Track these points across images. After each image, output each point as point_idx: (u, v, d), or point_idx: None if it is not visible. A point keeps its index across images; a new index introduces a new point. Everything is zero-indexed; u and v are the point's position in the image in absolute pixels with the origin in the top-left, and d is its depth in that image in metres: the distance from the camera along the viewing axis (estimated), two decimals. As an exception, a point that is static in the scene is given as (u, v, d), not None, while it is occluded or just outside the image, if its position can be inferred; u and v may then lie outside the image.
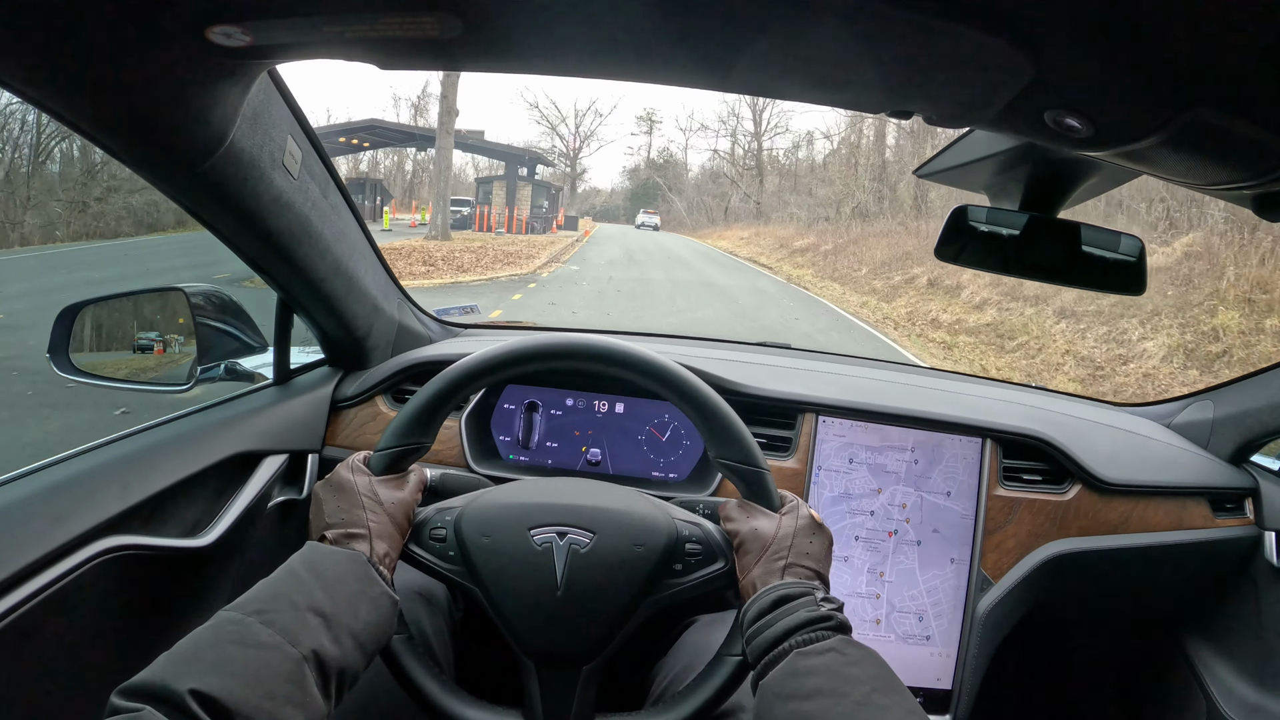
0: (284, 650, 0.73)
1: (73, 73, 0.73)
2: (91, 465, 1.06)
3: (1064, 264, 1.05)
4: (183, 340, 1.49)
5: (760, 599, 0.88)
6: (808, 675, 0.78)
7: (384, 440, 0.99)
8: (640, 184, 69.92)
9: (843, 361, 1.98)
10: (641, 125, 72.68)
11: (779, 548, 0.92)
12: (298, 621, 0.76)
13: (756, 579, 0.91)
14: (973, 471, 1.57)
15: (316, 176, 1.17)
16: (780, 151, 55.29)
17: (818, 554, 0.93)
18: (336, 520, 0.91)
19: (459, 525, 0.96)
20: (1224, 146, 0.66)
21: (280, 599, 0.78)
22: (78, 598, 0.96)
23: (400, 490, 0.97)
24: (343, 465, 0.97)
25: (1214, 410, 1.78)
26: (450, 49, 0.70)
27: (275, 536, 1.37)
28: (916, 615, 1.55)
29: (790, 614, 0.84)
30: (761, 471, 0.99)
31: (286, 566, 0.83)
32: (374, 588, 0.85)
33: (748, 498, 0.99)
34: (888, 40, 0.62)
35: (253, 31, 0.68)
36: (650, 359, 1.01)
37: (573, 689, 0.94)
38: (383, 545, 0.90)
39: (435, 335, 1.80)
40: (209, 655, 0.71)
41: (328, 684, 0.75)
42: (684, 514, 1.01)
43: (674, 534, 0.96)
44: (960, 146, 1.09)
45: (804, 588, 0.88)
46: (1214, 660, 1.76)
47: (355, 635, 0.80)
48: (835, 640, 0.81)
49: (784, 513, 0.97)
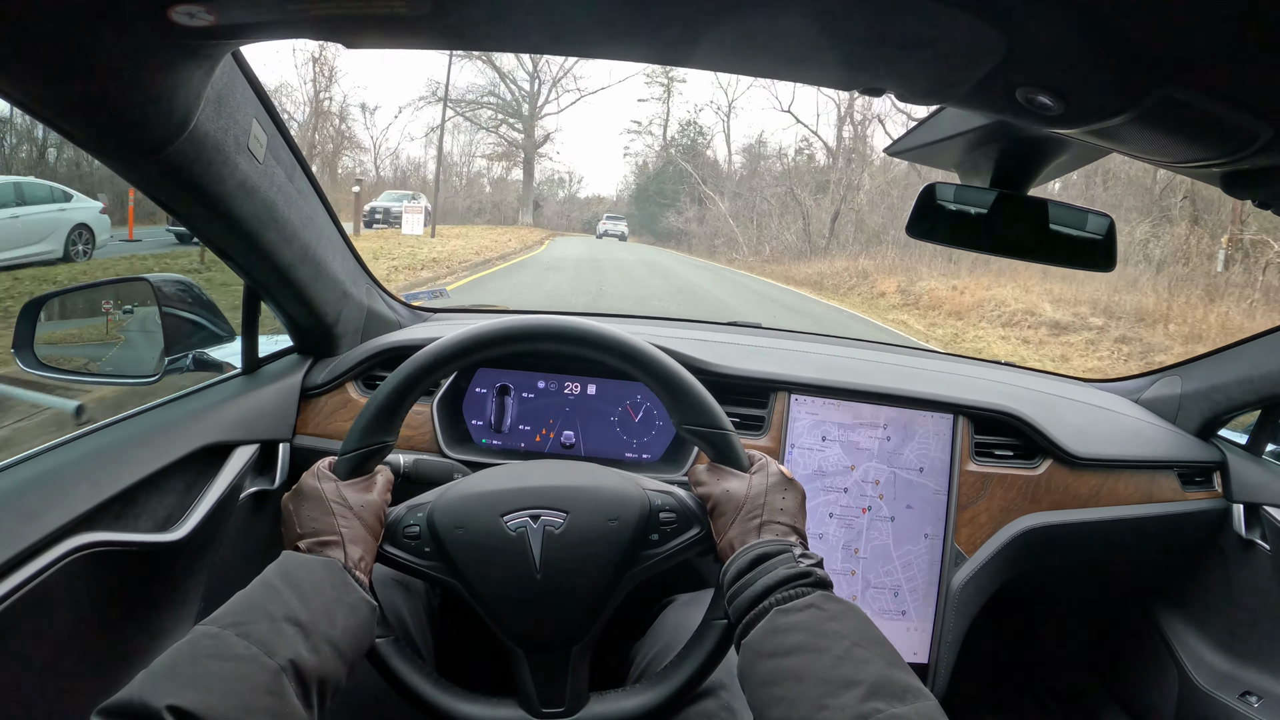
0: (261, 661, 0.72)
1: (29, 54, 0.70)
2: (60, 462, 1.04)
3: (1033, 241, 1.05)
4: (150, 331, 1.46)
5: (739, 558, 0.88)
6: (788, 632, 0.79)
7: (347, 443, 0.97)
8: (651, 178, 47.59)
9: (814, 340, 1.98)
10: (652, 88, 48.46)
11: (753, 506, 0.92)
12: (274, 632, 0.75)
13: (734, 539, 0.91)
14: (945, 447, 1.59)
15: (282, 161, 1.15)
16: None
17: (792, 509, 0.94)
18: (308, 529, 0.90)
19: (431, 520, 0.95)
20: (1194, 124, 0.66)
21: (256, 610, 0.77)
22: (51, 596, 0.94)
23: (369, 492, 0.95)
24: (308, 474, 0.96)
25: (1182, 385, 1.80)
26: (418, 26, 0.69)
27: (248, 528, 1.36)
28: (892, 591, 1.57)
29: (769, 572, 0.85)
30: (727, 433, 0.99)
31: (262, 578, 0.82)
32: (351, 594, 0.84)
33: (717, 461, 0.99)
34: (859, 16, 0.62)
35: (216, 10, 0.66)
36: (611, 335, 1.01)
37: (564, 671, 0.94)
38: (357, 550, 0.89)
39: (404, 320, 1.78)
40: (186, 670, 0.70)
41: (308, 693, 0.75)
42: (655, 484, 1.01)
43: (647, 505, 0.96)
44: (931, 124, 1.09)
45: (781, 545, 0.88)
46: (1185, 631, 1.80)
47: (333, 643, 0.79)
48: (815, 596, 0.82)
49: (754, 471, 0.97)
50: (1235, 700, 1.62)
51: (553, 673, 0.94)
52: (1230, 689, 1.65)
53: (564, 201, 53.02)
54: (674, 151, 47.65)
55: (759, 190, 35.73)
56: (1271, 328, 1.60)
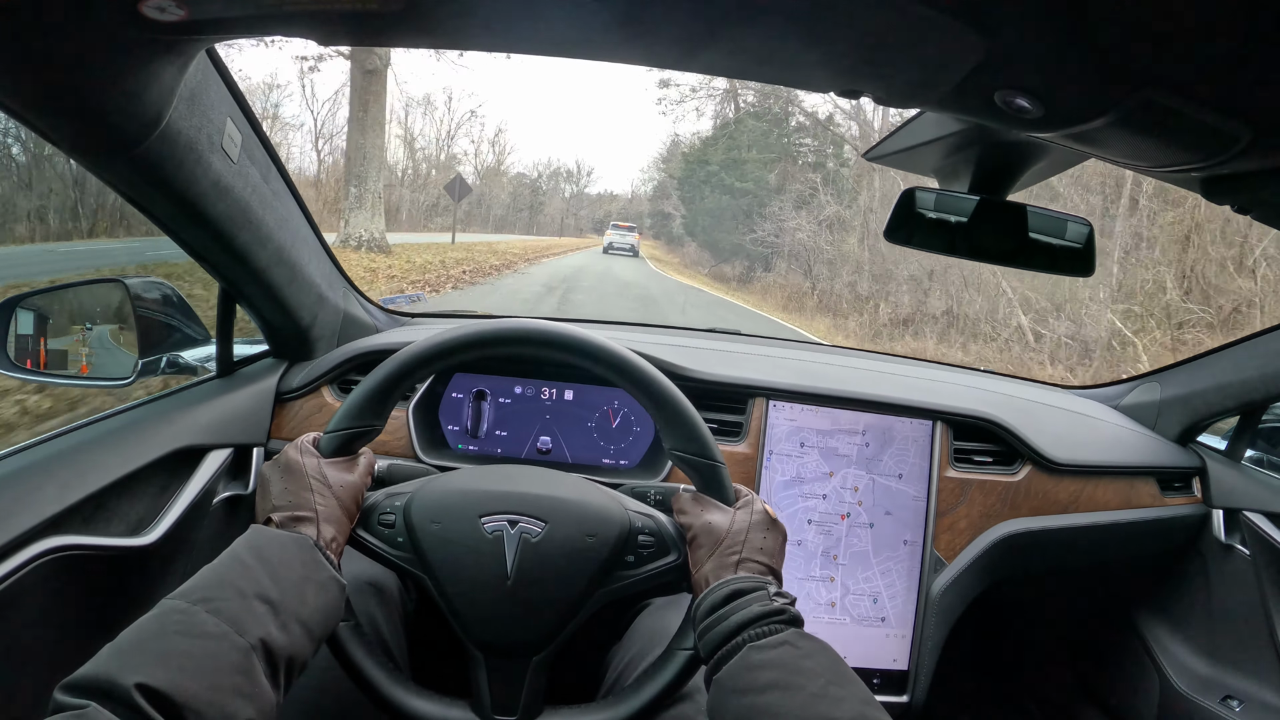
0: (231, 640, 0.71)
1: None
2: (28, 463, 1.02)
3: (1013, 247, 1.06)
4: (124, 333, 1.44)
5: (713, 593, 0.88)
6: (762, 669, 0.78)
7: (335, 421, 0.96)
8: (715, 141, 29.07)
9: (792, 346, 1.98)
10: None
11: (733, 542, 0.92)
12: (245, 610, 0.74)
13: (709, 573, 0.91)
14: (924, 453, 1.59)
15: (257, 161, 1.13)
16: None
17: (771, 549, 0.93)
18: (284, 503, 0.89)
19: (408, 511, 0.95)
20: (1173, 128, 0.66)
21: (226, 586, 0.76)
22: (19, 601, 0.92)
23: (350, 473, 0.95)
24: (291, 446, 0.95)
25: (1161, 392, 1.81)
26: (393, 23, 0.68)
27: (221, 533, 1.34)
28: (871, 597, 1.56)
29: (743, 608, 0.84)
30: (717, 465, 0.98)
31: (231, 552, 0.81)
32: (321, 572, 0.83)
33: (702, 491, 0.99)
34: (837, 18, 0.61)
35: (188, 4, 0.65)
36: (612, 349, 1.00)
37: (521, 680, 0.94)
38: (330, 529, 0.88)
39: (381, 324, 1.77)
40: (154, 647, 0.68)
41: (276, 673, 0.74)
42: (637, 505, 1.00)
43: (627, 525, 0.96)
44: (909, 129, 1.09)
45: (757, 582, 0.88)
46: (1165, 636, 1.80)
47: (303, 622, 0.78)
48: (788, 633, 0.81)
49: (738, 507, 0.96)
50: (1216, 704, 1.63)
51: (510, 680, 0.94)
52: (1211, 693, 1.65)
53: (573, 199, 48.50)
54: (748, 114, 28.59)
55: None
56: (1250, 334, 1.61)
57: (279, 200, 1.22)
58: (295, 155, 34.29)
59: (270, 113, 30.86)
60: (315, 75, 47.03)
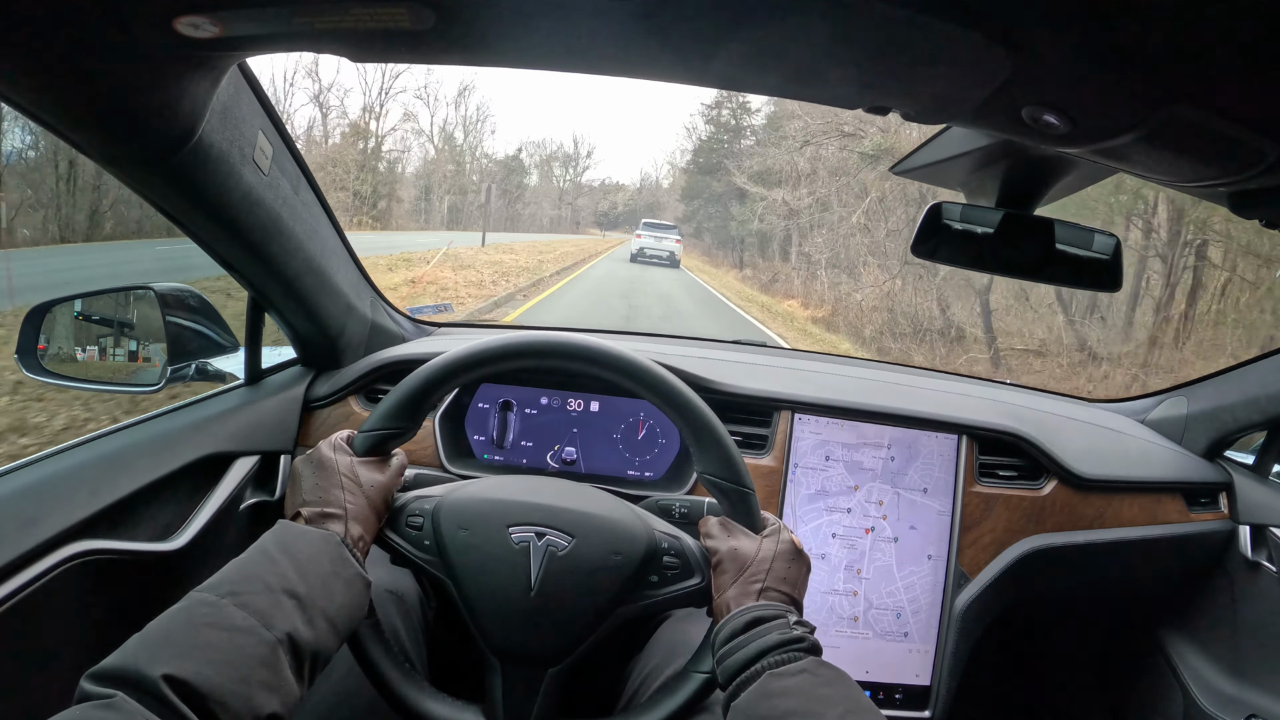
0: (259, 634, 0.72)
1: (36, 64, 0.71)
2: (59, 469, 1.04)
3: (1039, 261, 1.05)
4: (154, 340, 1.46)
5: (733, 620, 0.88)
6: (781, 696, 0.78)
7: (370, 421, 0.98)
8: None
9: (818, 359, 1.98)
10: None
11: (757, 570, 0.92)
12: (272, 604, 0.75)
13: (731, 599, 0.91)
14: (949, 468, 1.58)
15: (288, 173, 1.15)
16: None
17: (795, 579, 0.93)
18: (314, 498, 0.90)
19: (437, 515, 0.96)
20: (1201, 143, 0.66)
21: (254, 580, 0.77)
22: (46, 604, 0.94)
23: (381, 474, 0.95)
24: (324, 442, 0.96)
25: (1188, 406, 1.79)
26: (423, 41, 0.69)
27: (247, 539, 1.35)
28: (894, 612, 1.56)
29: (763, 635, 0.84)
30: (747, 492, 0.98)
31: (259, 546, 0.82)
32: (347, 569, 0.84)
33: (730, 516, 0.99)
34: (865, 35, 0.62)
35: (222, 22, 0.66)
36: (648, 367, 1.01)
37: (536, 690, 0.94)
38: (358, 528, 0.90)
39: (409, 334, 1.78)
40: (182, 639, 0.69)
41: (301, 667, 0.75)
42: (664, 525, 1.01)
43: (653, 545, 0.96)
44: (937, 143, 1.09)
45: (778, 610, 0.88)
46: (1190, 653, 1.78)
47: (329, 618, 0.79)
48: (808, 661, 0.81)
49: (765, 535, 0.96)
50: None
51: (525, 689, 0.94)
52: (1235, 712, 1.63)
53: (571, 186, 42.60)
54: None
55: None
56: (1278, 348, 1.59)
57: (308, 211, 1.23)
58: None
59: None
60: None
